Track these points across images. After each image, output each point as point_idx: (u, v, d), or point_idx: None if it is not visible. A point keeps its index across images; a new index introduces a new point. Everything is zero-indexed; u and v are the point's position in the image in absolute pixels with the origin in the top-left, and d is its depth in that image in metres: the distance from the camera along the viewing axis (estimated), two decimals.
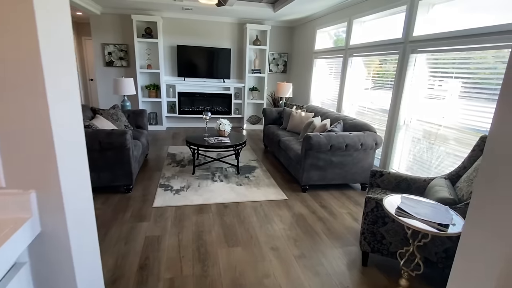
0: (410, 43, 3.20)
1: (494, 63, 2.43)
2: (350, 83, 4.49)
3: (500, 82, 2.34)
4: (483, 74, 2.51)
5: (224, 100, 6.72)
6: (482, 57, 2.54)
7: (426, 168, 3.13)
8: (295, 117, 4.53)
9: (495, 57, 2.43)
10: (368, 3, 3.91)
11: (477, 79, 2.56)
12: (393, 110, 3.47)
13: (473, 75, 2.59)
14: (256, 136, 6.17)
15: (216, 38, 6.48)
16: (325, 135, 3.22)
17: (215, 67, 6.49)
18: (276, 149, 4.41)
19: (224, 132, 4.06)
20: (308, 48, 5.95)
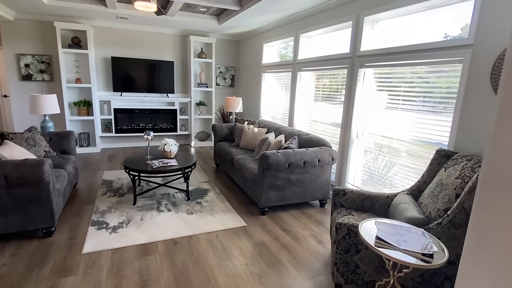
0: (358, 58, 3.23)
1: (436, 78, 2.51)
2: (301, 97, 4.45)
3: (441, 96, 2.42)
4: (426, 88, 2.59)
5: (168, 116, 6.21)
6: (420, 71, 2.62)
7: (381, 181, 3.14)
8: (247, 133, 4.30)
9: (432, 72, 2.52)
10: (314, 18, 3.93)
11: (421, 92, 2.63)
12: (345, 123, 3.46)
13: (417, 89, 2.66)
14: (206, 154, 5.78)
15: (157, 50, 6.01)
16: (282, 152, 3.03)
17: (157, 81, 5.98)
18: (229, 168, 4.10)
19: (170, 153, 3.62)
20: (255, 62, 5.85)
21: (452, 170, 1.95)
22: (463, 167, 1.87)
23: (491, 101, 2.05)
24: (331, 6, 3.55)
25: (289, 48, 5.14)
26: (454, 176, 1.88)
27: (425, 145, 2.66)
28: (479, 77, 2.12)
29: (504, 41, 1.96)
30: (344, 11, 3.39)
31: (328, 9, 3.63)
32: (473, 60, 2.15)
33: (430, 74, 2.57)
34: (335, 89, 3.78)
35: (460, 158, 1.99)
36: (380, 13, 2.96)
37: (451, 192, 1.83)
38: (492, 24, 2.02)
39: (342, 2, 3.37)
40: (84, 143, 5.57)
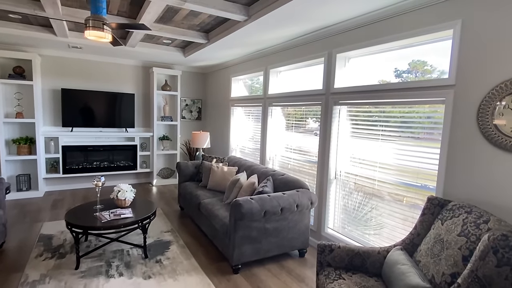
0: (332, 95, 3.09)
1: (420, 118, 2.40)
2: (273, 133, 4.21)
3: (425, 137, 2.29)
4: (410, 128, 2.46)
5: (127, 152, 5.63)
6: (402, 111, 2.51)
7: (363, 225, 2.88)
8: (216, 172, 3.91)
9: (414, 113, 2.41)
10: (285, 53, 3.82)
11: (404, 133, 2.49)
12: (322, 162, 3.24)
13: (400, 129, 2.52)
14: (170, 194, 5.23)
15: (116, 82, 5.55)
16: (256, 199, 2.67)
17: (115, 114, 5.45)
18: (195, 214, 3.63)
19: (125, 202, 3.10)
20: (224, 95, 5.61)
21: (451, 224, 1.73)
22: (464, 221, 1.66)
23: (479, 144, 1.92)
24: (301, 43, 3.46)
25: (259, 82, 5.00)
26: (456, 232, 1.65)
27: (410, 188, 2.47)
28: (464, 119, 2.00)
29: (488, 82, 1.87)
30: (315, 47, 3.30)
31: (298, 45, 3.54)
32: (456, 102, 2.05)
33: (413, 115, 2.45)
34: (310, 126, 3.59)
35: (457, 209, 1.79)
36: (351, 50, 2.88)
37: (455, 252, 1.58)
38: (474, 65, 1.95)
39: (312, 39, 3.28)
40: (23, 187, 4.76)
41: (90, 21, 2.75)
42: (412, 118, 2.45)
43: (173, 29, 3.72)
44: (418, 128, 2.39)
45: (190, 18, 3.36)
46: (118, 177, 5.73)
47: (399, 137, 2.52)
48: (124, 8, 3.18)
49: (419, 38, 2.33)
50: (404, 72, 2.62)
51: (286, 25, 3.01)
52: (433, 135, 2.29)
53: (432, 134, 2.29)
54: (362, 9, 2.51)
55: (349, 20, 2.77)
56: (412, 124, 2.44)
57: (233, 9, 2.85)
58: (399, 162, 2.54)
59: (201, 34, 3.91)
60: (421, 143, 2.36)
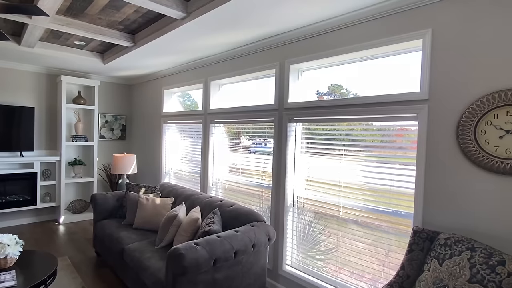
0: (286, 111, 2.72)
1: (390, 136, 2.16)
2: (216, 154, 3.63)
3: (397, 154, 2.05)
4: (378, 145, 2.20)
5: (23, 183, 4.32)
6: (368, 128, 2.27)
7: (326, 260, 2.50)
8: (145, 206, 3.11)
9: (384, 130, 2.18)
10: (229, 63, 3.36)
11: (371, 151, 2.22)
12: (277, 187, 2.80)
13: (366, 148, 2.25)
14: (83, 234, 4.11)
15: (9, 92, 4.29)
16: (203, 243, 2.04)
17: (6, 134, 4.16)
18: (118, 264, 2.76)
19: (6, 262, 2.11)
20: (154, 110, 4.83)
21: (454, 265, 1.42)
22: (471, 262, 1.36)
23: (461, 164, 1.71)
24: (249, 51, 3.05)
25: (191, 100, 4.42)
26: (465, 277, 1.34)
27: (380, 215, 2.18)
28: (443, 137, 1.79)
29: (467, 96, 1.69)
30: (265, 57, 2.92)
31: (245, 54, 3.12)
32: (432, 117, 1.84)
33: (382, 132, 2.20)
34: (260, 145, 3.15)
35: (453, 244, 1.50)
36: (306, 62, 2.57)
37: None
38: (450, 78, 1.77)
39: (262, 48, 2.90)
40: None
41: None
42: (379, 135, 2.21)
43: (86, 26, 2.92)
44: (387, 148, 2.15)
45: (110, 11, 2.65)
46: (9, 216, 4.33)
47: (366, 157, 2.25)
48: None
49: (382, 49, 2.13)
50: (325, 94, 2.74)
51: (231, 28, 2.56)
52: (406, 154, 2.05)
53: (405, 152, 2.06)
54: (320, 14, 2.22)
55: (305, 27, 2.47)
56: (381, 142, 2.19)
57: (167, 2, 2.28)
58: (367, 186, 2.24)
59: (124, 34, 3.19)
60: (393, 161, 2.11)
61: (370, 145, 2.23)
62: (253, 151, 3.36)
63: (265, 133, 3.10)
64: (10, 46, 3.45)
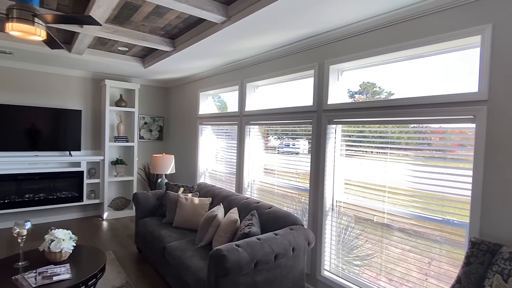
0: (325, 112, 2.66)
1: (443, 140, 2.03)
2: (251, 155, 3.65)
3: (449, 157, 1.92)
4: (427, 148, 2.08)
5: (71, 181, 4.63)
6: (420, 130, 2.14)
7: (366, 267, 2.41)
8: (184, 205, 3.21)
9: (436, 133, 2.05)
10: (266, 65, 3.36)
11: (420, 153, 2.10)
12: (315, 190, 2.75)
13: (415, 151, 2.13)
14: (125, 230, 4.33)
15: (59, 96, 4.63)
16: (244, 245, 2.06)
17: (57, 135, 4.49)
18: (159, 261, 2.87)
19: (61, 255, 2.27)
20: (190, 112, 4.96)
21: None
22: None
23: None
24: (286, 52, 3.02)
25: (220, 100, 4.48)
26: None
27: (429, 223, 2.06)
28: (504, 140, 1.64)
29: None
30: (303, 58, 2.88)
31: (282, 55, 3.10)
32: (491, 119, 1.70)
33: (432, 135, 2.08)
34: (298, 147, 3.12)
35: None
36: (348, 62, 2.49)
37: None
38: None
39: (301, 48, 2.86)
40: None
41: (14, 10, 2.04)
42: (428, 138, 2.08)
43: (131, 32, 3.07)
44: (438, 151, 2.02)
45: (153, 18, 2.76)
46: (59, 211, 4.67)
47: (415, 160, 2.13)
48: (66, 1, 2.49)
49: (432, 47, 2.00)
50: (356, 93, 2.69)
51: (270, 30, 2.55)
52: (461, 157, 1.92)
53: (460, 156, 1.92)
54: (364, 12, 2.14)
55: (347, 26, 2.40)
56: (429, 145, 2.06)
57: (209, 7, 2.32)
58: (416, 191, 2.13)
59: (165, 40, 3.30)
60: (446, 165, 1.98)
61: (419, 148, 2.11)
62: (281, 151, 3.33)
63: (294, 133, 3.06)
64: (61, 54, 3.72)
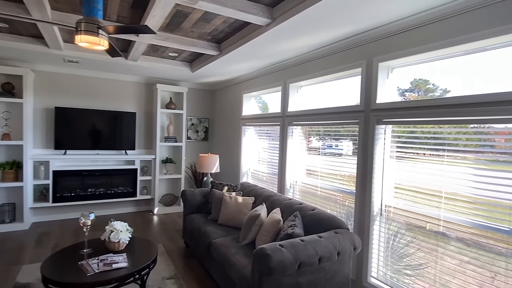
0: (374, 112, 2.54)
1: None
2: (294, 156, 3.64)
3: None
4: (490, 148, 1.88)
5: (126, 177, 5.04)
6: (483, 131, 1.95)
7: (418, 277, 2.24)
8: (229, 204, 3.30)
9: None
10: (310, 65, 3.32)
11: (485, 150, 1.91)
12: (362, 193, 2.64)
13: (475, 150, 1.94)
14: (173, 225, 4.59)
15: (116, 100, 5.07)
16: (287, 246, 2.06)
17: (114, 135, 4.93)
18: (205, 256, 2.99)
19: (119, 245, 2.49)
20: (234, 113, 5.10)
21: None
22: None
23: None
24: (331, 51, 2.96)
25: (261, 101, 4.49)
26: None
27: (493, 233, 1.86)
28: None
29: None
30: (349, 56, 2.79)
31: (326, 54, 3.04)
32: None
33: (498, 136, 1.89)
34: (342, 148, 3.03)
35: None
36: (398, 58, 2.35)
37: None
38: None
39: (347, 46, 2.78)
40: (5, 218, 4.15)
41: (82, 24, 2.27)
42: (492, 140, 1.88)
43: (181, 39, 3.25)
44: (506, 154, 1.82)
45: (202, 24, 2.89)
46: (115, 205, 5.12)
47: (477, 164, 1.94)
48: (124, 13, 2.72)
49: (498, 39, 1.80)
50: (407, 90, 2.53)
51: (317, 29, 2.51)
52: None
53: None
54: (419, 4, 2.01)
55: (399, 21, 2.27)
56: (499, 147, 1.87)
57: (254, 10, 2.37)
58: (478, 197, 1.94)
59: (212, 44, 3.44)
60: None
61: (480, 150, 1.92)
62: (323, 152, 3.25)
63: (337, 134, 2.97)
64: (119, 61, 4.07)
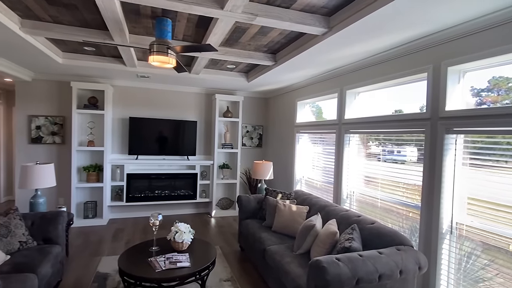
0: (442, 120, 2.34)
1: None
2: (351, 165, 3.52)
3: None
4: None
5: (187, 181, 5.43)
6: None
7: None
8: (282, 211, 3.33)
9: None
10: (368, 71, 3.20)
11: None
12: (428, 207, 2.44)
13: None
14: (229, 228, 4.78)
15: (180, 110, 5.51)
16: (344, 260, 2.00)
17: (177, 142, 5.36)
18: (259, 261, 3.06)
19: (182, 245, 2.70)
20: (288, 121, 5.13)
21: None
22: None
23: None
24: (392, 56, 2.81)
25: (315, 106, 4.41)
26: None
27: None
28: None
29: None
30: (414, 61, 2.62)
31: (387, 59, 2.90)
32: None
33: None
34: (404, 156, 2.84)
35: None
36: (473, 61, 2.14)
37: None
38: None
39: (411, 50, 2.62)
40: (89, 214, 4.80)
41: (154, 45, 2.56)
42: None
43: (239, 52, 3.42)
44: None
45: (258, 37, 3.01)
46: (177, 206, 5.54)
47: None
48: (189, 32, 2.97)
49: None
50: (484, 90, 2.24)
51: (376, 35, 2.43)
52: None
53: None
54: (499, 2, 1.81)
55: (473, 21, 2.07)
56: None
57: (311, 21, 2.39)
58: None
59: (268, 55, 3.54)
60: None
61: None
62: (383, 159, 3.07)
63: (400, 139, 2.77)
64: (183, 75, 4.43)
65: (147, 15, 2.57)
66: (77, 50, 3.69)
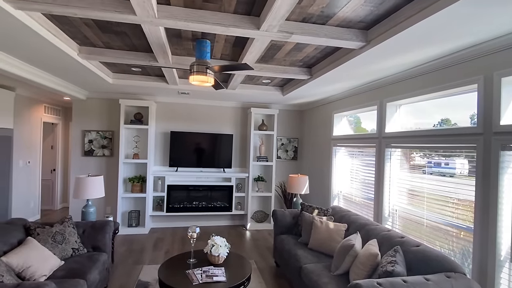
0: (496, 135, 2.14)
1: None
2: (393, 181, 3.34)
3: None
4: None
5: (223, 193, 5.53)
6: None
7: None
8: (319, 228, 3.24)
9: None
10: (410, 82, 3.06)
11: None
12: (483, 229, 2.21)
13: None
14: (264, 243, 4.75)
15: (217, 123, 5.69)
16: (387, 284, 1.88)
17: (214, 155, 5.52)
18: (295, 279, 2.99)
19: (218, 259, 2.74)
20: (324, 134, 5.04)
21: None
22: None
23: None
24: (437, 67, 2.66)
25: (353, 116, 4.26)
26: None
27: None
28: None
29: None
30: (461, 71, 2.46)
31: (431, 70, 2.74)
32: None
33: None
34: (454, 170, 2.63)
35: None
36: None
37: None
38: None
39: (457, 60, 2.46)
40: (133, 223, 5.09)
41: (194, 66, 2.70)
42: None
43: (274, 68, 3.47)
44: None
45: (294, 53, 3.03)
46: (214, 218, 5.65)
47: None
48: (227, 51, 3.09)
49: None
50: None
51: (418, 47, 2.32)
52: None
53: None
54: None
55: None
56: None
57: (347, 36, 2.36)
58: None
59: (303, 69, 3.55)
60: None
61: None
62: (429, 171, 2.86)
63: (447, 150, 2.56)
64: (221, 90, 4.59)
65: (188, 38, 2.73)
66: (125, 71, 4.01)
